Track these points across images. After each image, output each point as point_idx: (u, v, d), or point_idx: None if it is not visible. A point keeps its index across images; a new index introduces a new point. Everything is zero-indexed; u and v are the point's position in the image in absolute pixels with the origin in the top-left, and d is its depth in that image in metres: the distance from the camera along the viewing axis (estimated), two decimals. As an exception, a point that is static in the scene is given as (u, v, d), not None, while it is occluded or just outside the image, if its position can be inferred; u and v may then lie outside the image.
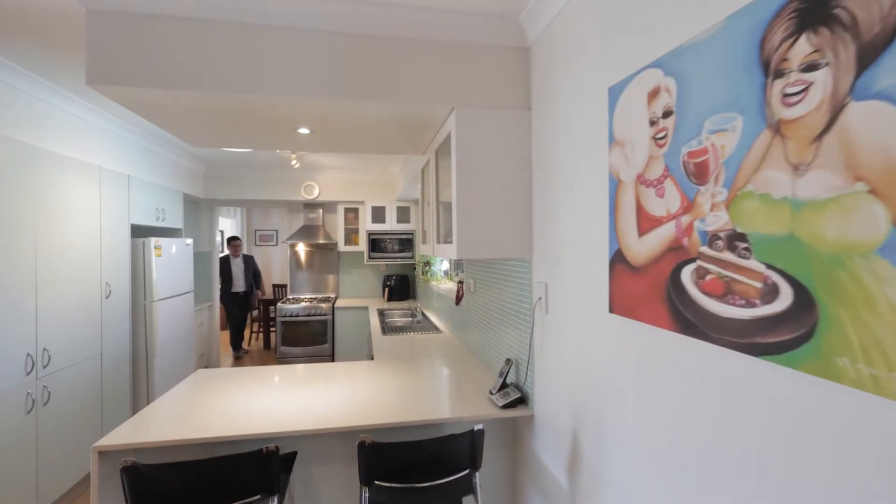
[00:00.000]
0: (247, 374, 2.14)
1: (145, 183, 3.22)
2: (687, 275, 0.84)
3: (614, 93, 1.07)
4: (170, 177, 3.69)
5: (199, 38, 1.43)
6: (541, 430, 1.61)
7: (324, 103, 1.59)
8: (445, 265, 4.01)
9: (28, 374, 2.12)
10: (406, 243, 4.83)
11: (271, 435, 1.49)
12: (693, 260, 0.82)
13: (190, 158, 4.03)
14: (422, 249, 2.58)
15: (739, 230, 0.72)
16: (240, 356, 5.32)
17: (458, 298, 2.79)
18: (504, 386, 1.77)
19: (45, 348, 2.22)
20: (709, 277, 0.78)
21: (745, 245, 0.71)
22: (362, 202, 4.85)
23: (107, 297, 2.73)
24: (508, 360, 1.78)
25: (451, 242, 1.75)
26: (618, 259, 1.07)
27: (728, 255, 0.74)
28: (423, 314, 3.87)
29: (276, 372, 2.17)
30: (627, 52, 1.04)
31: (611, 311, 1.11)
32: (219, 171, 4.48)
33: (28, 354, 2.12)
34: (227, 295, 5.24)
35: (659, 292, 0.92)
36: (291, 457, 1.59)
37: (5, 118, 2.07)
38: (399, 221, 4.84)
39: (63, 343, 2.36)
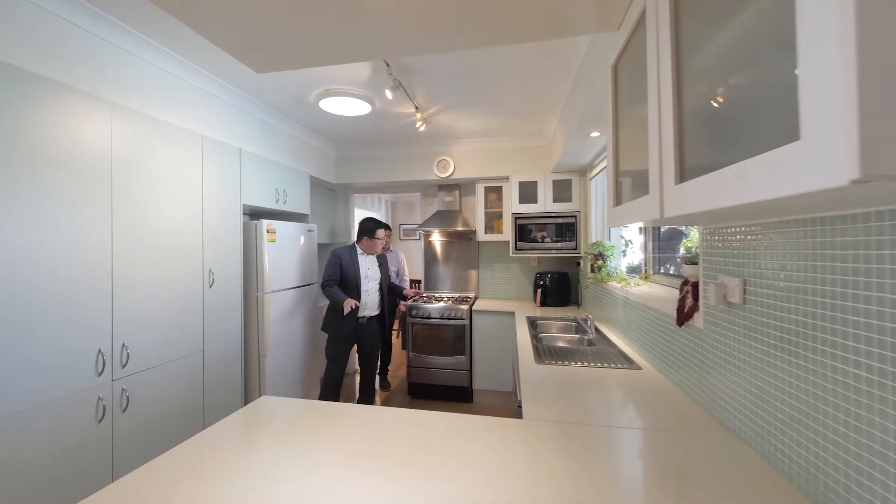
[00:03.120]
0: (320, 417, 1.31)
1: (262, 159, 2.85)
2: None
3: None
4: (293, 156, 3.33)
5: None
6: None
7: None
8: (636, 256, 2.64)
9: (99, 374, 1.73)
10: (566, 230, 3.59)
11: None
12: None
13: (318, 138, 3.66)
14: (611, 220, 1.36)
15: None
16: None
17: (685, 315, 1.46)
18: None
19: (123, 344, 1.84)
20: None
21: None
22: (507, 178, 3.81)
23: (210, 287, 2.35)
24: None
25: (814, 149, 0.52)
26: None
27: None
28: (596, 330, 2.59)
29: (364, 419, 1.27)
30: None
31: None
32: (349, 152, 4.05)
33: (99, 351, 1.73)
34: (344, 321, 2.77)
35: None
36: None
37: (82, 70, 1.72)
38: (556, 200, 3.62)
39: (150, 338, 1.97)
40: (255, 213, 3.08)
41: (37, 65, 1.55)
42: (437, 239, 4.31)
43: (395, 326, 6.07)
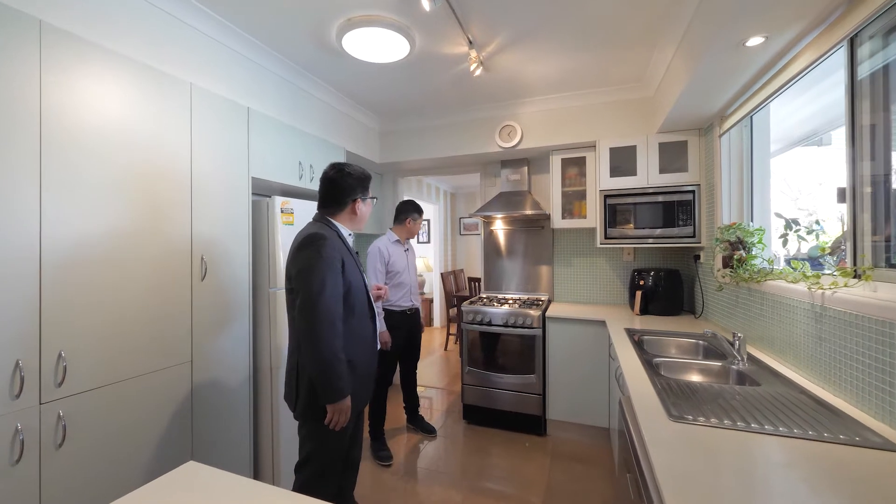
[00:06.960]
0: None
1: (280, 124, 2.31)
2: None
3: None
4: (324, 125, 2.77)
5: None
6: None
7: None
8: (820, 237, 1.65)
9: (16, 397, 1.24)
10: (678, 211, 2.62)
11: None
12: None
13: (355, 107, 3.08)
14: None
15: None
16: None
17: None
18: None
19: (60, 354, 1.34)
20: None
21: None
22: (592, 144, 2.92)
23: (202, 279, 1.83)
24: None
25: None
26: None
27: None
28: (747, 356, 1.65)
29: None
30: None
31: None
32: (393, 124, 3.43)
33: (17, 365, 1.24)
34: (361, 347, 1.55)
35: None
36: None
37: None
38: (664, 171, 2.67)
39: (104, 346, 1.46)
40: (271, 191, 2.56)
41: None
42: (500, 227, 3.53)
43: (453, 331, 5.34)
